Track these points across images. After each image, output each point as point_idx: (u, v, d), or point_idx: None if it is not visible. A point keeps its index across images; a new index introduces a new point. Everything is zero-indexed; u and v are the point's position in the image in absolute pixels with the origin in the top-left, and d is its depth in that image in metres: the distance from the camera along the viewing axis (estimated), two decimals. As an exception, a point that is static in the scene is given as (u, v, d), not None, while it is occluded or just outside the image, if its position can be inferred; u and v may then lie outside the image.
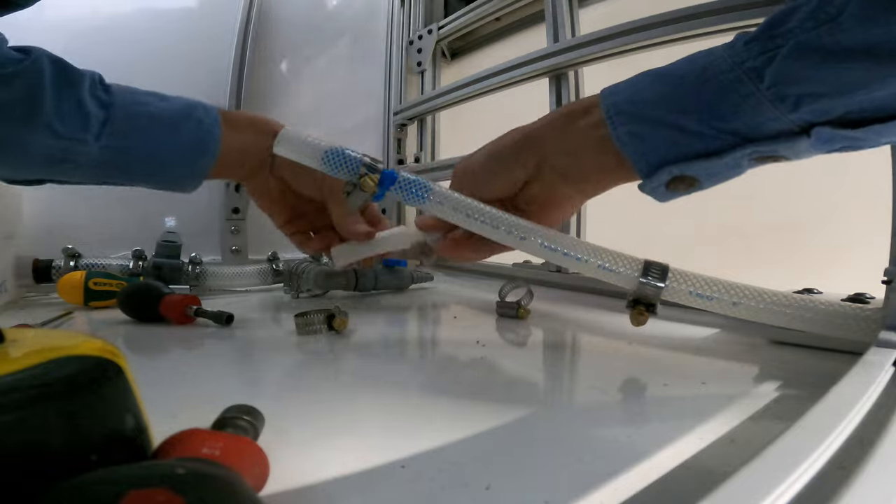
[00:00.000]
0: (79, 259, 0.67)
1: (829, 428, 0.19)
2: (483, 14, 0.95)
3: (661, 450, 0.24)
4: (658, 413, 0.30)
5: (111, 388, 0.16)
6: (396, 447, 0.24)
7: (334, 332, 0.47)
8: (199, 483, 0.13)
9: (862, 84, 0.27)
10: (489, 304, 0.61)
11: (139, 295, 0.52)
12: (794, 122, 0.31)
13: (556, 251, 0.40)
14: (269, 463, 0.19)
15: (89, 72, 0.43)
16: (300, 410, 0.30)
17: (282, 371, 0.39)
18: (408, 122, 1.10)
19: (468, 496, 0.20)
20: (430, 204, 0.42)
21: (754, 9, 0.52)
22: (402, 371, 0.39)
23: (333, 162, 0.42)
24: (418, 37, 1.08)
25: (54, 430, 0.14)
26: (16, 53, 0.40)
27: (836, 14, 0.26)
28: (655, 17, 0.61)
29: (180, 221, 0.84)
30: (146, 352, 0.43)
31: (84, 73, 0.43)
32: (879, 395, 0.25)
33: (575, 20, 0.77)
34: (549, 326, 0.53)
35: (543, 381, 0.37)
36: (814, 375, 0.36)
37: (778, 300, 0.37)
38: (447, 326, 0.55)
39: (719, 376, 0.36)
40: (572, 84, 0.76)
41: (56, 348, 0.16)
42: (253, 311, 0.61)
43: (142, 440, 0.17)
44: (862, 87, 0.28)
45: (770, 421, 0.28)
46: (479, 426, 0.27)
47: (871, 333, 0.34)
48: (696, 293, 0.39)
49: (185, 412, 0.28)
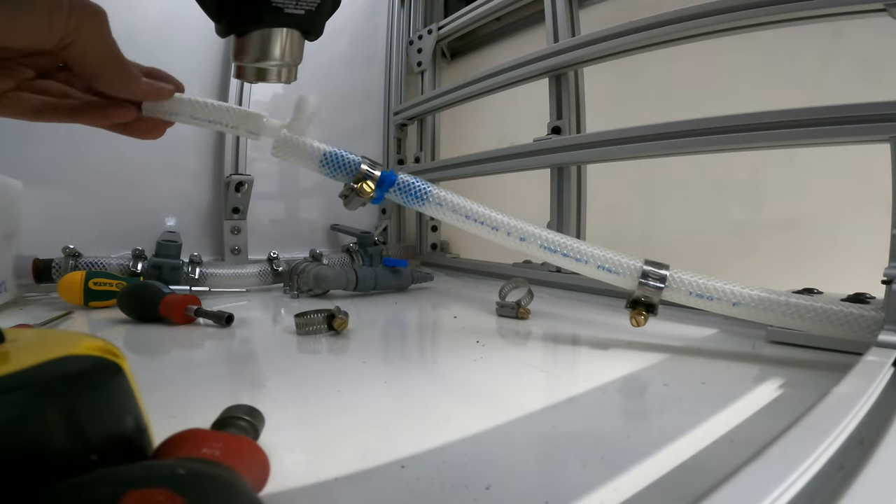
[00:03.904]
0: (79, 259, 0.67)
1: (829, 428, 0.19)
2: (483, 14, 0.95)
3: (661, 450, 0.24)
4: (658, 413, 0.30)
5: (111, 388, 0.16)
6: (396, 447, 0.24)
7: (334, 332, 0.47)
8: (199, 483, 0.13)
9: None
10: (489, 304, 0.61)
11: (139, 295, 0.52)
12: None
13: (555, 252, 0.40)
14: (269, 463, 0.19)
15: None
16: (300, 410, 0.30)
17: (282, 371, 0.39)
18: (408, 123, 1.10)
19: (468, 496, 0.20)
20: (429, 206, 0.42)
21: (754, 9, 0.52)
22: (402, 371, 0.39)
23: (332, 165, 0.42)
24: (418, 37, 1.08)
25: (54, 429, 0.14)
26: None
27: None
28: (655, 18, 0.61)
29: (180, 221, 0.84)
30: (146, 352, 0.43)
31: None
32: (879, 395, 0.25)
33: (575, 20, 0.77)
34: (549, 326, 0.53)
35: (543, 382, 0.36)
36: (814, 375, 0.36)
37: (778, 300, 0.37)
38: (447, 326, 0.55)
39: (719, 376, 0.36)
40: (572, 84, 0.76)
41: (56, 348, 0.16)
42: (253, 311, 0.61)
43: (142, 440, 0.17)
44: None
45: (770, 421, 0.28)
46: (479, 426, 0.27)
47: (871, 333, 0.34)
48: (696, 294, 0.39)
49: (185, 412, 0.28)
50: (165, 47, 0.80)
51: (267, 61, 0.35)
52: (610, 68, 0.73)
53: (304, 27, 0.34)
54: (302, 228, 0.99)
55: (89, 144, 0.73)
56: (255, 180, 0.87)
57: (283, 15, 0.33)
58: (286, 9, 0.32)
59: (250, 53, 0.34)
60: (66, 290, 0.58)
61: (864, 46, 0.60)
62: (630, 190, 0.84)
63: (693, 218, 0.76)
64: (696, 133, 0.57)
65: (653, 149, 0.61)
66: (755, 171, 0.70)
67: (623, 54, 0.67)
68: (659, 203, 0.81)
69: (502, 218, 0.41)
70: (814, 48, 0.63)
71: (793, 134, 0.49)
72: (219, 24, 0.34)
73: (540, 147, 0.75)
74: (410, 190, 0.42)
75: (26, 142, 0.70)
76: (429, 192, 0.42)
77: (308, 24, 0.34)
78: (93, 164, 0.75)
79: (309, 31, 0.35)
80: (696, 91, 0.75)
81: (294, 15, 0.33)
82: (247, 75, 0.36)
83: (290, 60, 0.35)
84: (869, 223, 0.53)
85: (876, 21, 0.46)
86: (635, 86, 0.81)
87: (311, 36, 0.36)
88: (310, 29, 0.35)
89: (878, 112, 0.43)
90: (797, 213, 0.67)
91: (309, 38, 0.36)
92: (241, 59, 0.35)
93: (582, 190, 0.76)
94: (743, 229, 0.72)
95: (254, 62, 0.35)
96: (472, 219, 0.41)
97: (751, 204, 0.71)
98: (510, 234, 0.40)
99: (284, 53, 0.35)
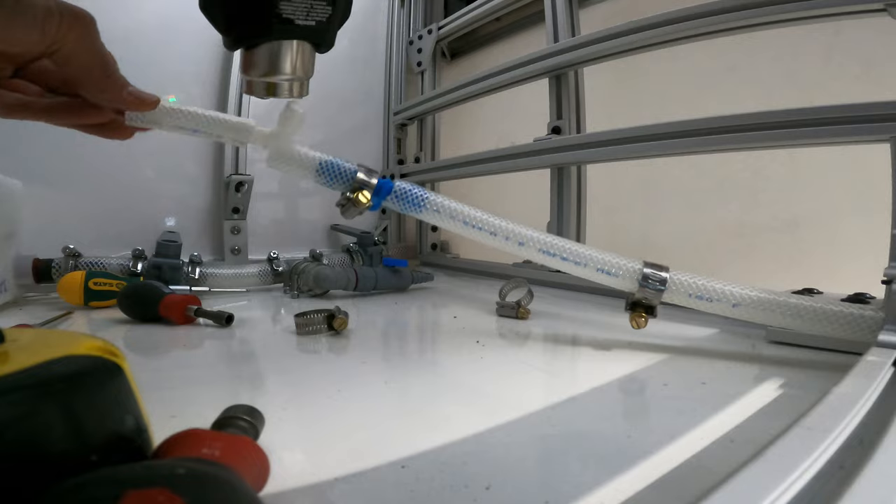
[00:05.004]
0: (79, 259, 0.67)
1: (829, 428, 0.19)
2: (483, 14, 0.95)
3: (661, 449, 0.24)
4: (658, 413, 0.30)
5: (111, 388, 0.16)
6: (396, 447, 0.24)
7: (334, 332, 0.47)
8: (199, 483, 0.13)
9: None
10: (489, 304, 0.61)
11: (139, 295, 0.52)
12: None
13: (554, 256, 0.40)
14: (269, 463, 0.19)
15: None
16: (300, 410, 0.30)
17: (282, 371, 0.39)
18: (408, 123, 1.10)
19: (468, 496, 0.20)
20: (426, 213, 0.42)
21: (754, 9, 0.52)
22: (402, 371, 0.39)
23: (328, 174, 0.42)
24: (418, 37, 1.09)
25: (54, 430, 0.14)
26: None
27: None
28: (655, 18, 0.61)
29: (180, 221, 0.84)
30: (146, 352, 0.43)
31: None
32: (879, 395, 0.25)
33: (575, 20, 0.77)
34: (549, 326, 0.53)
35: (543, 381, 0.36)
36: (814, 375, 0.36)
37: (777, 301, 0.37)
38: (447, 326, 0.55)
39: (719, 376, 0.36)
40: (572, 84, 0.76)
41: (56, 348, 0.16)
42: (253, 311, 0.61)
43: (142, 440, 0.17)
44: None
45: (770, 421, 0.28)
46: (479, 426, 0.27)
47: (871, 333, 0.34)
48: (696, 296, 0.39)
49: (185, 412, 0.28)
50: (165, 50, 0.79)
51: (278, 75, 0.33)
52: (610, 68, 0.73)
53: (316, 39, 0.33)
54: (302, 228, 0.99)
55: (89, 144, 0.73)
56: (255, 180, 0.87)
57: (294, 27, 0.31)
58: (297, 20, 0.31)
59: (259, 67, 0.33)
60: (66, 290, 0.58)
61: (864, 46, 0.60)
62: (630, 190, 0.84)
63: (693, 218, 0.76)
64: (696, 133, 0.57)
65: (653, 149, 0.61)
66: (755, 171, 0.70)
67: (623, 54, 0.67)
68: (659, 203, 0.81)
69: (500, 222, 0.41)
70: (814, 48, 0.63)
71: (793, 134, 0.49)
72: (227, 37, 0.33)
73: (540, 147, 0.75)
74: (407, 197, 0.42)
75: (26, 142, 0.70)
76: (426, 199, 0.42)
77: (319, 36, 0.33)
78: (93, 165, 0.75)
79: (320, 43, 0.34)
80: (696, 91, 0.75)
81: (305, 27, 0.32)
82: (256, 90, 0.35)
83: (301, 74, 0.34)
84: (869, 223, 0.53)
85: (876, 21, 0.46)
86: (635, 86, 0.81)
87: (323, 48, 0.34)
88: (321, 41, 0.34)
89: (878, 112, 0.43)
90: (797, 213, 0.67)
91: (320, 50, 0.34)
92: (251, 73, 0.34)
93: (582, 190, 0.76)
94: (743, 229, 0.72)
95: (263, 76, 0.34)
96: (471, 224, 0.40)
97: (751, 204, 0.71)
98: (508, 238, 0.40)
99: (296, 67, 0.33)
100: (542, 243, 0.40)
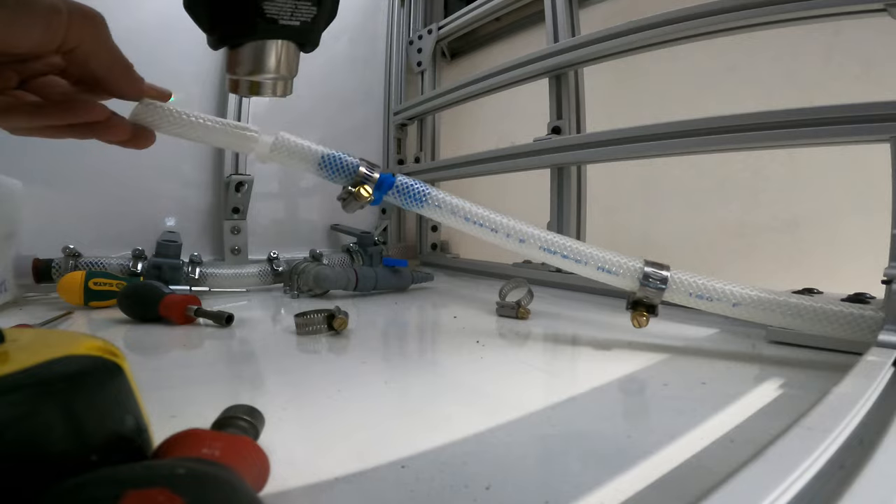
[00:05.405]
0: (79, 259, 0.67)
1: (829, 428, 0.19)
2: (483, 14, 0.95)
3: (661, 449, 0.24)
4: (658, 413, 0.30)
5: (111, 388, 0.16)
6: (396, 447, 0.24)
7: (334, 332, 0.47)
8: (199, 483, 0.13)
9: None
10: (489, 304, 0.61)
11: (139, 295, 0.52)
12: None
13: (555, 254, 0.40)
14: (269, 463, 0.19)
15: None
16: (300, 410, 0.30)
17: (282, 371, 0.39)
18: (408, 122, 1.10)
19: (468, 496, 0.20)
20: (428, 208, 0.42)
21: (754, 9, 0.52)
22: (402, 371, 0.39)
23: (330, 168, 0.42)
24: (418, 37, 1.09)
25: (54, 429, 0.14)
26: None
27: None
28: (655, 18, 0.61)
29: (180, 221, 0.84)
30: (146, 352, 0.43)
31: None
32: (879, 395, 0.25)
33: (575, 20, 0.77)
34: (549, 326, 0.53)
35: (543, 381, 0.36)
36: (814, 375, 0.36)
37: (777, 300, 0.37)
38: (447, 326, 0.55)
39: (719, 376, 0.36)
40: (572, 84, 0.76)
41: (56, 348, 0.16)
42: (253, 311, 0.61)
43: (142, 440, 0.17)
44: None
45: (770, 421, 0.28)
46: (479, 426, 0.27)
47: (871, 333, 0.34)
48: (696, 295, 0.39)
49: (185, 412, 0.28)
50: (164, 49, 0.79)
51: (261, 74, 0.34)
52: (610, 68, 0.73)
53: (300, 39, 0.33)
54: (302, 228, 0.99)
55: (89, 144, 0.73)
56: (255, 180, 0.87)
57: (278, 27, 0.32)
58: (281, 20, 0.31)
59: (244, 66, 0.33)
60: (66, 290, 0.58)
61: (864, 46, 0.60)
62: (630, 190, 0.84)
63: (693, 218, 0.76)
64: (696, 133, 0.57)
65: (653, 149, 0.61)
66: (755, 171, 0.70)
67: (623, 54, 0.67)
68: (659, 203, 0.81)
69: (501, 219, 0.41)
70: (814, 48, 0.63)
71: (793, 134, 0.49)
72: (211, 36, 0.33)
73: (540, 147, 0.75)
74: (409, 192, 0.42)
75: (26, 142, 0.70)
76: (427, 194, 0.42)
77: (304, 36, 0.33)
78: (93, 164, 0.75)
79: (304, 42, 0.34)
80: (696, 91, 0.75)
81: (289, 26, 0.32)
82: (240, 89, 0.35)
83: (285, 73, 0.34)
84: (869, 223, 0.53)
85: (876, 21, 0.46)
86: (635, 86, 0.81)
87: (307, 48, 0.35)
88: (305, 41, 0.34)
89: (878, 112, 0.43)
90: (797, 213, 0.67)
91: (305, 49, 0.35)
92: (235, 72, 0.34)
93: (582, 190, 0.76)
94: (743, 229, 0.72)
95: (247, 75, 0.34)
96: (472, 220, 0.40)
97: (751, 204, 0.71)
98: (510, 235, 0.40)
99: (280, 66, 0.33)
100: (543, 241, 0.40)
